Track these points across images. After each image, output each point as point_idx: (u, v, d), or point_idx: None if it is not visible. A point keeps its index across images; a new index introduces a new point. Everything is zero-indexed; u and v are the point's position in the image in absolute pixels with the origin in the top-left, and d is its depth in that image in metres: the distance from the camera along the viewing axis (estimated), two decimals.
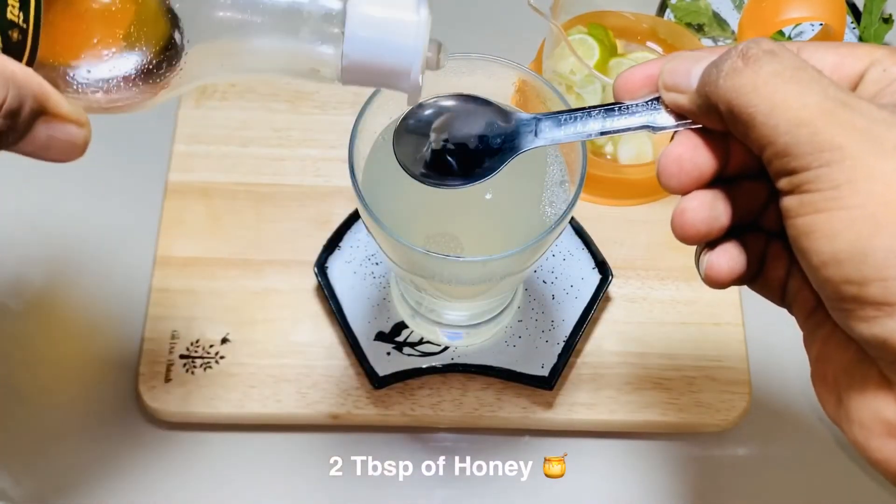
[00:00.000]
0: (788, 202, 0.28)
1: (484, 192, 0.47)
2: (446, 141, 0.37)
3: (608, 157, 0.60)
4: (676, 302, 0.57)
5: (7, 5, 0.29)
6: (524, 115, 0.36)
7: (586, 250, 0.56)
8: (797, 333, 0.60)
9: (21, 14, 0.29)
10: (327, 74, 0.33)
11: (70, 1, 0.30)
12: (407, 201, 0.46)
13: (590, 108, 0.34)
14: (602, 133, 0.34)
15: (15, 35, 0.29)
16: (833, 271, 0.27)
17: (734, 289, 0.57)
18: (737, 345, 0.56)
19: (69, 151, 0.32)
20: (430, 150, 0.37)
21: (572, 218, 0.56)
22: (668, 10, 0.63)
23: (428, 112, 0.37)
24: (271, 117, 0.62)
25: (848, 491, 0.54)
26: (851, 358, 0.30)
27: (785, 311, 0.59)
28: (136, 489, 0.53)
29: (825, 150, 0.27)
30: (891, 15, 0.65)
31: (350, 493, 0.53)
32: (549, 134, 0.35)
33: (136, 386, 0.54)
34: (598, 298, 0.55)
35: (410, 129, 0.37)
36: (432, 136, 0.37)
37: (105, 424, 0.54)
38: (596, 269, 0.56)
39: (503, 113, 0.37)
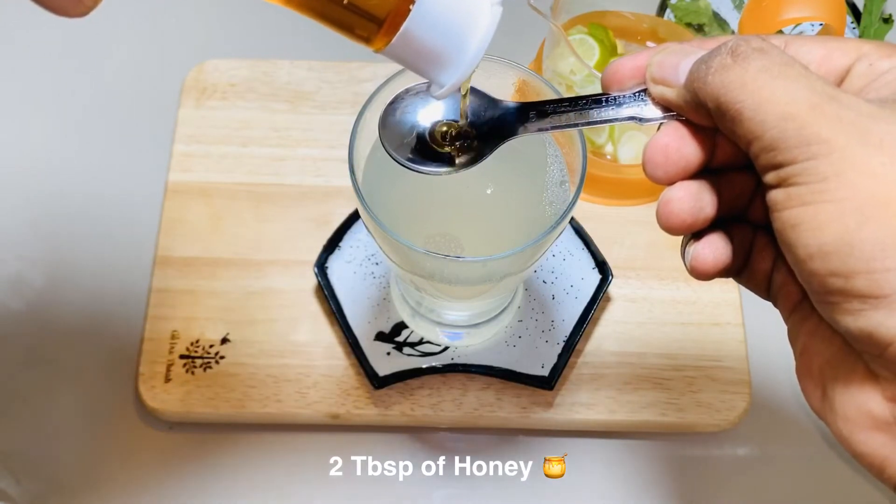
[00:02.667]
0: (775, 195, 0.28)
1: (483, 191, 0.47)
2: (433, 127, 0.37)
3: (608, 157, 0.60)
4: (676, 302, 0.57)
5: None
6: (511, 104, 0.36)
7: (586, 250, 0.56)
8: None
9: None
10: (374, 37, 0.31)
11: None
12: (407, 201, 0.46)
13: (577, 98, 0.34)
14: (589, 123, 0.34)
15: None
16: (819, 264, 0.27)
17: (734, 288, 0.57)
18: (737, 345, 0.56)
19: (69, 6, 0.30)
20: (416, 136, 0.37)
21: (572, 218, 0.56)
22: (668, 10, 0.63)
23: (415, 98, 0.37)
24: (271, 117, 0.62)
25: (847, 491, 0.54)
26: (836, 351, 0.30)
27: None
28: (136, 489, 0.53)
29: (812, 144, 0.27)
30: (890, 15, 0.65)
31: (350, 493, 0.53)
32: (537, 123, 0.35)
33: (136, 386, 0.54)
34: (598, 298, 0.55)
35: (397, 114, 0.37)
36: (419, 121, 0.37)
37: (105, 424, 0.54)
38: (596, 269, 0.56)
39: (490, 101, 0.36)
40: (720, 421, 0.54)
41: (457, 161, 0.36)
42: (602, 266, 0.56)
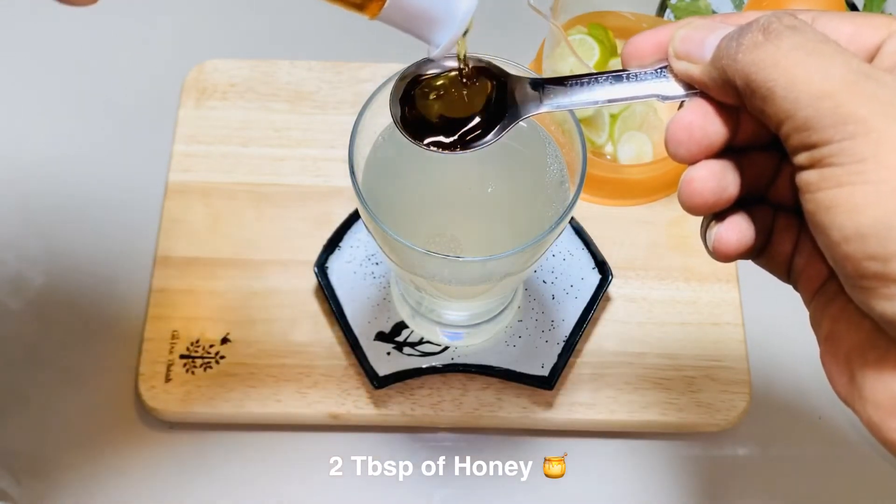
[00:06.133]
0: (807, 177, 0.27)
1: (483, 191, 0.47)
2: (446, 104, 0.36)
3: (608, 157, 0.60)
4: (676, 302, 0.57)
5: None
6: (528, 80, 0.35)
7: (586, 250, 0.56)
8: (797, 333, 0.60)
9: None
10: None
11: None
12: (407, 202, 0.46)
13: (597, 73, 0.33)
14: (609, 101, 0.33)
15: None
16: (855, 247, 0.27)
17: (734, 288, 0.57)
18: (737, 345, 0.56)
19: None
20: (431, 116, 0.36)
21: (572, 218, 0.56)
22: (668, 10, 0.63)
23: (428, 73, 0.35)
24: (271, 117, 0.62)
25: (848, 490, 0.54)
26: (866, 336, 0.29)
27: (784, 310, 0.58)
28: (137, 489, 0.53)
29: (849, 123, 0.26)
30: (891, 14, 0.65)
31: (350, 493, 0.53)
32: (555, 100, 0.34)
33: (136, 386, 0.54)
34: (598, 298, 0.55)
35: (409, 89, 0.36)
36: (432, 98, 0.36)
37: (105, 424, 0.54)
38: (596, 269, 0.56)
39: (507, 76, 0.35)
40: (720, 421, 0.54)
41: (472, 140, 0.35)
42: (602, 266, 0.56)
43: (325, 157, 0.61)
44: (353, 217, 0.57)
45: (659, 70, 0.32)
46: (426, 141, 0.36)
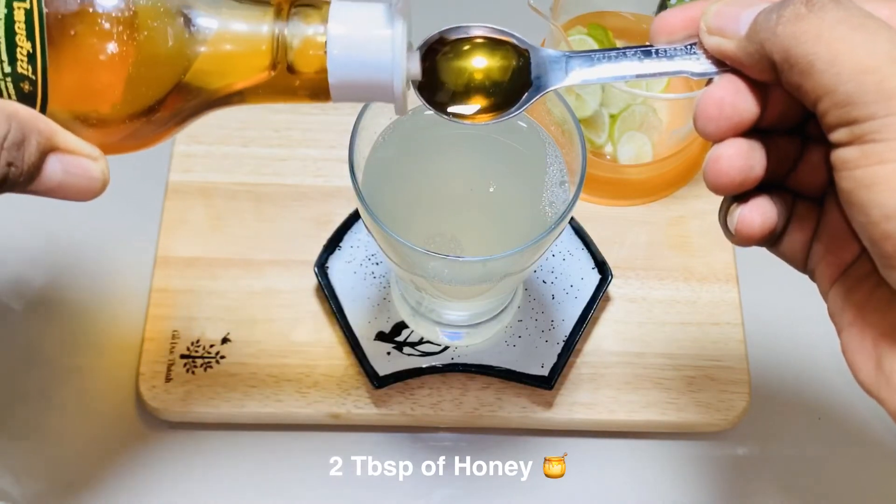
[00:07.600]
0: (846, 154, 0.27)
1: (483, 191, 0.47)
2: (469, 73, 0.35)
3: (608, 157, 0.60)
4: (676, 302, 0.57)
5: (17, 59, 0.30)
6: (554, 52, 0.35)
7: (586, 250, 0.56)
8: (797, 333, 0.60)
9: (30, 67, 0.30)
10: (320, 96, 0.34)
11: (74, 53, 0.31)
12: (407, 201, 0.47)
13: (625, 48, 0.33)
14: (637, 76, 0.33)
15: (26, 87, 0.31)
16: None
17: (734, 288, 0.57)
18: (736, 345, 0.56)
19: (88, 187, 0.33)
20: (453, 87, 0.35)
21: (572, 218, 0.56)
22: None
23: (450, 41, 0.35)
24: (271, 117, 0.62)
25: (848, 491, 0.54)
26: (894, 321, 0.29)
27: (784, 311, 0.58)
28: (136, 489, 0.53)
29: (893, 98, 0.26)
30: None
31: (350, 493, 0.53)
32: (580, 73, 0.34)
33: (137, 386, 0.54)
34: (598, 298, 0.55)
35: (430, 59, 0.35)
36: (454, 67, 0.35)
37: (105, 424, 0.54)
38: (596, 269, 0.56)
39: (531, 48, 0.35)
40: (720, 421, 0.54)
41: (493, 112, 0.35)
42: (602, 266, 0.56)
43: (325, 158, 0.61)
44: (353, 217, 0.57)
45: (688, 46, 0.32)
46: (448, 110, 0.35)
